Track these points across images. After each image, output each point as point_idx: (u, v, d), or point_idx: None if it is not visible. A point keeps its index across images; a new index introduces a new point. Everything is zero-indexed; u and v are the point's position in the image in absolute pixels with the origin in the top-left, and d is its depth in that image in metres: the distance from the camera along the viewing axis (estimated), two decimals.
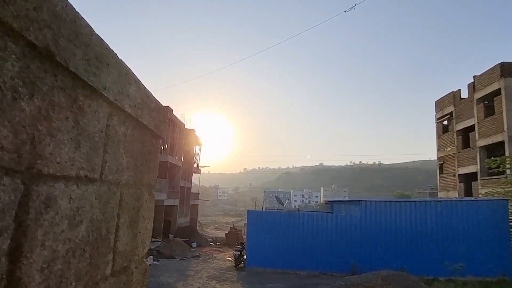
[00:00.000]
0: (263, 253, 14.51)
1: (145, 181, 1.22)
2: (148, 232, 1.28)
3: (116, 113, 0.94)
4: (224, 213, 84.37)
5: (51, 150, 0.66)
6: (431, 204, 14.74)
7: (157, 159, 1.35)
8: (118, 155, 0.97)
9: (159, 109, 1.29)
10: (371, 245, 14.24)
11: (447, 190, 25.58)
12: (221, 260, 18.37)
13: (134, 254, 1.15)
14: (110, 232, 0.95)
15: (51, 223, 0.67)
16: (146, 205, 1.24)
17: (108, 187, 0.92)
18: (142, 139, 1.16)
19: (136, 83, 1.04)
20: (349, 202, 17.55)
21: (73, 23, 0.69)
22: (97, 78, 0.80)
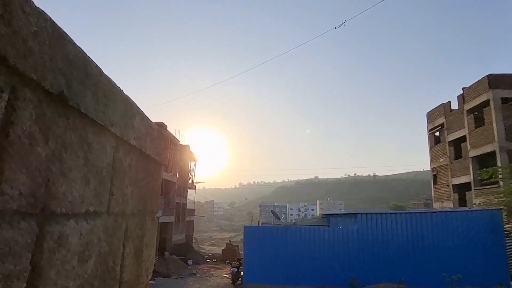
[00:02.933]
0: (261, 268, 14.32)
1: (148, 208, 1.24)
2: (152, 259, 1.29)
3: (122, 146, 0.96)
4: (220, 229, 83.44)
5: (63, 190, 0.68)
6: (427, 215, 14.78)
7: (159, 185, 1.38)
8: (123, 186, 0.99)
9: (161, 137, 1.32)
10: (369, 257, 14.15)
11: (442, 200, 25.71)
12: (218, 277, 18.07)
13: (139, 282, 1.16)
14: (116, 264, 0.97)
15: (63, 261, 0.68)
16: (149, 232, 1.26)
17: (114, 219, 0.94)
18: (146, 168, 1.19)
19: (140, 115, 1.07)
20: (345, 215, 17.53)
21: (84, 66, 0.73)
22: (105, 116, 0.83)
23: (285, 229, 15.44)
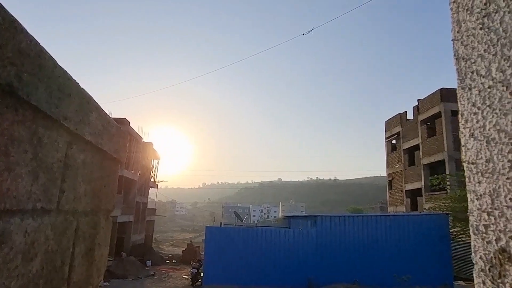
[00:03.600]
0: (221, 270, 14.26)
1: (102, 207, 1.20)
2: (104, 260, 1.25)
3: (76, 141, 0.93)
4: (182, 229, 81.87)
5: (8, 185, 0.65)
6: (381, 219, 15.54)
7: (116, 183, 1.34)
8: (76, 183, 0.96)
9: (120, 134, 1.28)
10: (327, 259, 14.60)
11: (396, 205, 27.16)
12: (177, 279, 17.72)
13: (89, 283, 1.12)
14: (65, 263, 0.93)
15: (5, 259, 0.65)
16: (103, 231, 1.22)
17: (64, 217, 0.90)
18: (102, 165, 1.15)
19: (97, 111, 1.04)
20: (305, 217, 17.93)
21: (37, 57, 0.70)
22: (59, 109, 0.80)
23: (246, 230, 15.50)
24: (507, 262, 0.56)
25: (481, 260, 0.61)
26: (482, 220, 0.62)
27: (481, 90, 0.64)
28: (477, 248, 0.63)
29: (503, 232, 0.57)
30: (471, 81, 0.67)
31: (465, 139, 0.67)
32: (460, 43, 0.71)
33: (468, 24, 0.69)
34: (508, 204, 0.57)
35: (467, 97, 0.68)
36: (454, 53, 0.72)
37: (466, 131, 0.67)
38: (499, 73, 0.61)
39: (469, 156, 0.66)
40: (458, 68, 0.71)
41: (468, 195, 0.66)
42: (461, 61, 0.70)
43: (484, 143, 0.62)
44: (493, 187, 0.60)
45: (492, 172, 0.60)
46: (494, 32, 0.62)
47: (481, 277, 0.62)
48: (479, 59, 0.65)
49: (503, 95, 0.59)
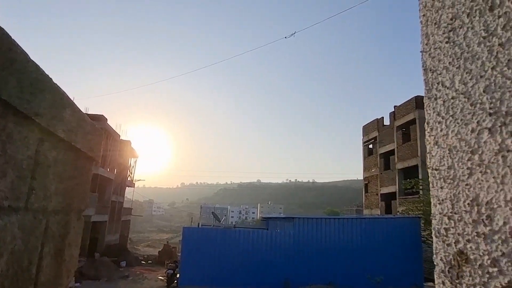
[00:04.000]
0: (198, 271, 14.13)
1: (74, 205, 1.17)
2: (74, 260, 1.22)
3: (47, 138, 0.91)
4: (158, 229, 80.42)
5: None
6: (357, 221, 15.89)
7: (89, 181, 1.31)
8: (46, 181, 0.93)
9: (94, 131, 1.26)
10: (303, 260, 14.76)
11: (371, 207, 27.82)
12: (152, 280, 17.40)
13: (58, 284, 1.09)
14: (33, 263, 0.90)
15: None
16: (74, 231, 1.19)
17: (33, 215, 0.88)
18: (75, 163, 1.12)
19: (71, 107, 1.02)
20: (283, 218, 18.06)
21: (8, 51, 0.68)
22: (30, 105, 0.78)
23: (224, 231, 15.45)
24: (465, 264, 0.59)
25: (441, 262, 0.65)
26: (443, 223, 0.65)
27: (445, 100, 0.68)
28: (438, 250, 0.66)
29: (462, 235, 0.61)
30: (437, 91, 0.71)
31: (430, 146, 0.71)
32: (428, 55, 0.74)
33: (435, 37, 0.73)
34: (467, 209, 0.60)
35: (433, 107, 0.71)
36: (422, 64, 0.75)
37: (431, 139, 0.70)
38: (461, 85, 0.64)
39: (433, 162, 0.70)
40: (426, 79, 0.74)
41: (432, 199, 0.69)
42: (428, 72, 0.73)
43: (446, 150, 0.66)
44: (454, 192, 0.63)
45: (453, 178, 0.64)
46: (459, 46, 0.66)
47: (441, 278, 0.65)
48: (444, 71, 0.69)
49: (464, 106, 0.63)
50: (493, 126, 0.57)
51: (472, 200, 0.59)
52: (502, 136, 0.55)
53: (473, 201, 0.58)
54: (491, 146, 0.56)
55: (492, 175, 0.56)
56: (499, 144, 0.55)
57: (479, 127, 0.59)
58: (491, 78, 0.58)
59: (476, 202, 0.58)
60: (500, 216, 0.53)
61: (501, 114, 0.55)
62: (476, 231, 0.57)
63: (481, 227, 0.56)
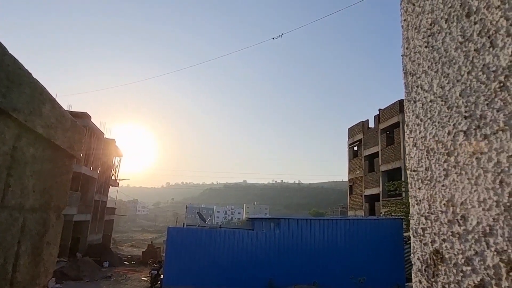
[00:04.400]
0: (182, 271, 14.00)
1: (53, 203, 1.14)
2: (53, 259, 1.19)
3: (25, 134, 0.88)
4: (143, 229, 79.32)
5: None
6: (341, 222, 16.07)
7: (69, 179, 1.28)
8: (24, 178, 0.91)
9: (75, 128, 1.23)
10: (288, 261, 14.83)
11: (355, 209, 28.19)
12: (136, 281, 17.15)
13: (35, 284, 1.06)
14: (8, 262, 0.87)
15: None
16: (52, 230, 1.16)
17: (9, 213, 0.85)
18: (54, 160, 1.10)
19: (50, 102, 0.99)
20: (269, 219, 18.10)
21: None
22: (7, 99, 0.75)
23: (209, 231, 15.36)
24: (440, 263, 0.61)
25: (418, 261, 0.66)
26: (421, 223, 0.67)
27: (424, 103, 0.69)
28: (415, 250, 0.67)
29: (438, 234, 0.62)
30: (416, 94, 0.72)
31: (409, 148, 0.72)
32: (408, 59, 0.76)
33: (415, 42, 0.74)
34: (442, 209, 0.62)
35: (412, 109, 0.73)
36: (403, 68, 0.77)
37: (410, 140, 0.72)
38: (439, 88, 0.66)
39: (411, 164, 0.71)
40: (406, 82, 0.76)
41: (410, 200, 0.70)
42: (408, 76, 0.75)
43: (424, 152, 0.67)
44: (431, 193, 0.64)
45: (430, 179, 0.65)
46: (437, 50, 0.68)
47: (418, 277, 0.66)
48: (423, 75, 0.71)
49: (442, 109, 0.65)
50: (468, 129, 0.58)
51: (447, 200, 0.60)
52: (477, 138, 0.56)
53: (449, 202, 0.60)
54: (466, 148, 0.58)
55: (466, 177, 0.57)
56: (473, 147, 0.57)
57: (455, 129, 0.61)
58: (466, 82, 0.60)
59: (452, 203, 0.59)
60: (474, 216, 0.55)
61: (475, 117, 0.57)
62: (451, 230, 0.59)
63: (456, 227, 0.58)
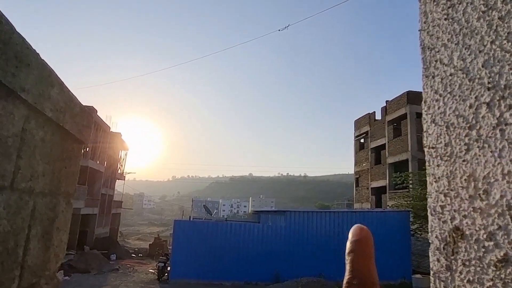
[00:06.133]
0: (189, 264, 14.14)
1: (62, 189, 1.14)
2: (63, 245, 1.19)
3: (34, 116, 0.87)
4: (149, 223, 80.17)
5: None
6: (347, 214, 16.06)
7: (78, 165, 1.28)
8: (33, 161, 0.90)
9: (84, 114, 1.22)
10: (294, 253, 14.89)
11: (361, 201, 28.14)
12: (143, 273, 17.36)
13: (46, 269, 1.06)
14: (19, 245, 0.87)
15: None
16: (62, 215, 1.16)
17: (19, 196, 0.85)
18: (63, 145, 1.09)
19: (59, 86, 0.98)
20: (275, 212, 18.15)
21: None
22: (15, 79, 0.74)
23: (215, 224, 15.46)
24: (460, 240, 0.59)
25: (437, 239, 0.64)
26: (439, 201, 0.65)
27: (443, 77, 0.67)
28: (434, 228, 0.66)
29: (458, 211, 0.60)
30: (435, 69, 0.70)
31: (427, 125, 0.70)
32: (426, 33, 0.73)
33: (434, 15, 0.72)
34: (463, 185, 0.60)
35: (430, 85, 0.70)
36: (420, 43, 0.74)
37: (428, 117, 0.70)
38: (460, 61, 0.63)
39: (429, 141, 0.69)
40: (424, 57, 0.73)
41: (428, 178, 0.69)
42: (426, 51, 0.73)
43: (444, 128, 0.65)
44: (450, 169, 0.63)
45: (450, 155, 0.63)
46: (457, 22, 0.65)
47: (436, 255, 0.65)
48: (442, 48, 0.68)
49: (463, 82, 0.62)
50: (491, 100, 0.56)
51: (469, 175, 0.58)
52: (501, 110, 0.54)
53: (470, 177, 0.58)
54: (489, 120, 0.56)
55: (489, 150, 0.55)
56: (497, 118, 0.55)
57: (477, 102, 0.59)
58: (490, 52, 0.58)
59: (473, 178, 0.57)
60: (497, 190, 0.53)
61: (499, 88, 0.55)
62: (472, 206, 0.57)
63: (477, 202, 0.56)
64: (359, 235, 0.32)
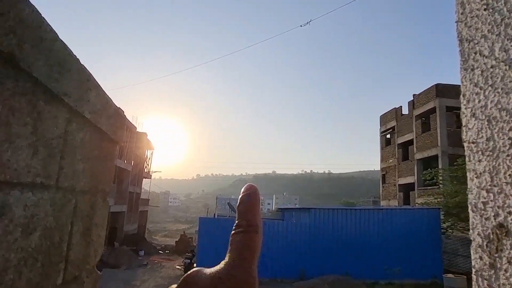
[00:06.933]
0: (214, 260, 13.76)
1: (100, 187, 1.19)
2: (101, 240, 1.25)
3: (75, 119, 0.92)
4: (175, 220, 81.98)
5: (8, 156, 0.64)
6: (374, 212, 15.72)
7: (113, 165, 1.33)
8: (74, 161, 0.95)
9: (118, 115, 1.27)
10: (319, 251, 14.77)
11: (388, 199, 27.45)
12: (170, 269, 17.81)
13: (86, 263, 1.12)
14: (63, 241, 0.93)
15: (5, 231, 0.65)
16: (100, 212, 1.22)
17: (63, 194, 0.90)
18: (100, 145, 1.14)
19: (96, 89, 1.03)
20: (299, 209, 18.07)
21: (38, 28, 0.69)
22: (59, 84, 0.79)
23: None
24: (505, 237, 0.57)
25: (479, 237, 0.63)
26: (481, 197, 0.63)
27: (483, 70, 0.65)
28: (475, 225, 0.64)
29: (502, 208, 0.58)
30: (474, 61, 0.68)
31: (466, 119, 0.68)
32: (463, 25, 0.71)
33: (472, 6, 0.69)
34: (507, 181, 0.58)
35: (469, 78, 0.68)
36: (458, 35, 0.72)
37: (468, 111, 0.68)
38: (502, 52, 0.61)
39: (469, 135, 0.67)
40: (461, 50, 0.71)
41: (468, 174, 0.67)
42: (464, 43, 0.70)
43: (485, 122, 0.63)
44: (493, 164, 0.61)
45: (492, 150, 0.61)
46: (498, 12, 0.63)
47: (478, 253, 0.63)
48: (482, 40, 0.66)
49: (505, 74, 0.60)
50: None
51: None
52: None
53: None
54: None
55: None
56: None
57: None
58: None
59: None
60: None
61: None
62: None
63: None
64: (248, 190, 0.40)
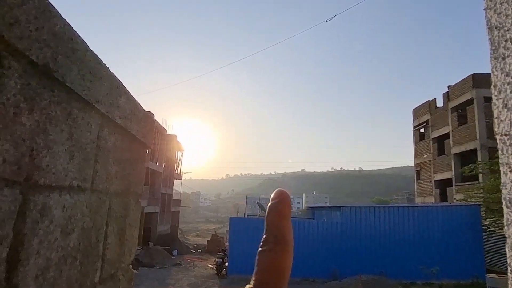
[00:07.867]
0: (246, 260, 14.45)
1: (132, 189, 1.25)
2: (134, 240, 1.30)
3: (107, 124, 0.97)
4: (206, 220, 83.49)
5: (47, 162, 0.69)
6: (408, 210, 15.17)
7: (143, 167, 1.39)
8: (107, 164, 1.00)
9: (147, 119, 1.32)
10: (352, 250, 14.48)
11: (424, 195, 26.38)
12: (202, 268, 18.17)
13: (121, 261, 1.17)
14: (99, 240, 0.98)
15: (46, 231, 0.70)
16: (133, 213, 1.27)
17: (98, 196, 0.95)
18: (130, 149, 1.19)
19: (125, 95, 1.08)
20: (330, 208, 17.80)
21: (70, 40, 0.73)
22: (91, 92, 0.83)
23: None
24: None
25: None
26: None
27: None
28: (510, 222, 0.61)
29: None
30: (505, 50, 0.64)
31: (498, 110, 0.65)
32: (493, 12, 0.68)
33: None
34: None
35: (500, 67, 0.65)
36: (487, 23, 0.69)
37: (499, 102, 0.65)
38: None
39: (502, 127, 0.64)
40: (491, 38, 0.68)
41: (501, 168, 0.64)
42: (494, 30, 0.67)
43: None
44: None
45: None
46: None
47: None
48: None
49: None
50: None
51: None
52: None
53: None
54: None
55: None
56: None
57: None
58: None
59: None
60: None
61: None
62: None
63: None
64: (278, 197, 0.36)
